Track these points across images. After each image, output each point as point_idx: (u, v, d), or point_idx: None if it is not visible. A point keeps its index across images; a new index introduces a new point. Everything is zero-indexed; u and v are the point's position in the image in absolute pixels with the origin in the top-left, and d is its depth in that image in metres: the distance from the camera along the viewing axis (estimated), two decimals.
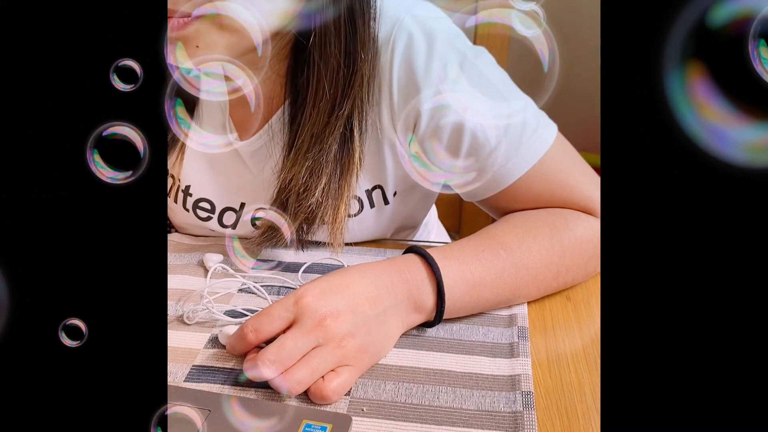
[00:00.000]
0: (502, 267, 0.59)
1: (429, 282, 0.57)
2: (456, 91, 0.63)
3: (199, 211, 0.74)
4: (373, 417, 0.49)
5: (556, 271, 0.62)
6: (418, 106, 0.64)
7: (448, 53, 0.63)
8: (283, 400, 0.50)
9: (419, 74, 0.63)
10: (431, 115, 0.64)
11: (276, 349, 0.50)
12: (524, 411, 0.49)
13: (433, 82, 0.63)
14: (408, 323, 0.57)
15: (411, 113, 0.65)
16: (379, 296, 0.54)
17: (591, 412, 0.50)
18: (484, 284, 0.59)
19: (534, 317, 0.61)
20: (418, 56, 0.63)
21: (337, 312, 0.52)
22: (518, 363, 0.54)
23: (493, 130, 0.64)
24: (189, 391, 0.50)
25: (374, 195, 0.71)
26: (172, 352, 0.55)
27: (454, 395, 0.51)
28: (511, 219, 0.66)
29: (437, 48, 0.63)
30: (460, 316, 0.60)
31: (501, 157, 0.64)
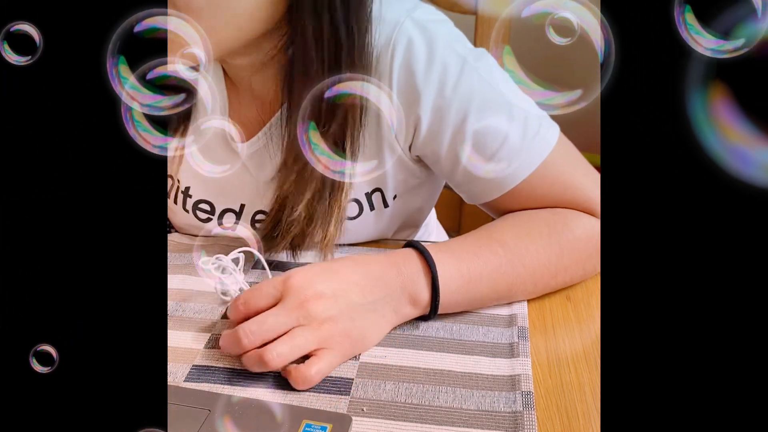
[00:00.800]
0: (499, 263, 0.60)
1: (424, 275, 0.57)
2: (456, 95, 0.63)
3: (199, 213, 0.74)
4: (373, 417, 0.49)
5: (554, 270, 0.62)
6: (418, 111, 0.64)
7: (449, 57, 0.63)
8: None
9: (419, 79, 0.63)
10: (431, 120, 0.64)
11: (258, 322, 0.52)
12: (524, 411, 0.49)
13: (434, 87, 0.63)
14: (402, 315, 0.58)
15: (411, 118, 0.65)
16: (368, 286, 0.55)
17: (591, 412, 0.50)
18: (480, 279, 0.59)
19: (534, 317, 0.61)
20: (418, 61, 0.63)
21: (321, 295, 0.53)
22: (518, 363, 0.54)
23: (495, 133, 0.64)
24: (189, 391, 0.50)
25: (374, 198, 0.71)
26: (172, 352, 0.55)
27: (454, 395, 0.51)
28: (510, 218, 0.66)
29: (437, 52, 0.63)
30: (456, 312, 0.60)
31: (503, 160, 0.64)
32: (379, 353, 0.56)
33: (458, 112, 0.63)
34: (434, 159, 0.67)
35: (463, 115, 0.63)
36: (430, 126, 0.64)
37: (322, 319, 0.53)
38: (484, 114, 0.63)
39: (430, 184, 0.76)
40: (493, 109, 0.64)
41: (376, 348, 0.56)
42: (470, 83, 0.63)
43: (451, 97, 0.63)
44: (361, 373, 0.53)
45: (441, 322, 0.59)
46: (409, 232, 0.82)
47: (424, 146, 0.66)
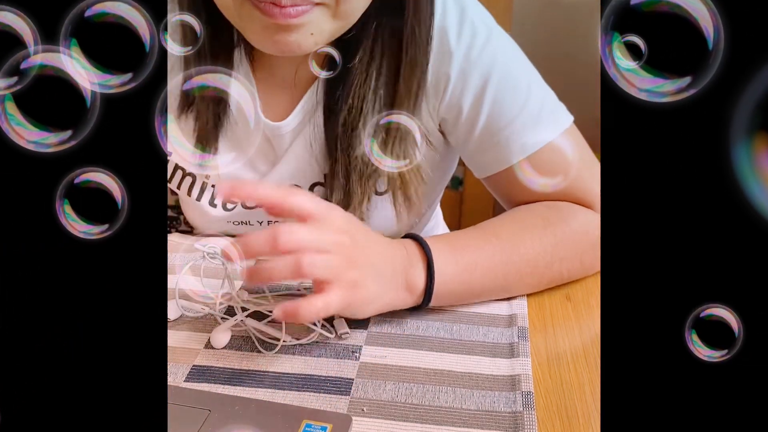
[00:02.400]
0: (493, 252, 0.60)
1: (420, 260, 0.58)
2: (481, 60, 0.65)
3: (228, 203, 0.74)
4: (373, 417, 0.49)
5: (549, 259, 0.62)
6: (449, 71, 0.65)
7: (478, 24, 0.66)
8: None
9: (452, 39, 0.65)
10: (456, 81, 0.66)
11: (296, 230, 0.51)
12: (524, 411, 0.49)
13: (462, 49, 0.65)
14: (397, 300, 0.58)
15: (442, 78, 0.66)
16: (386, 257, 0.57)
17: (591, 412, 0.50)
18: (475, 268, 0.59)
19: (534, 317, 0.61)
20: (451, 23, 0.65)
21: (357, 241, 0.54)
22: (518, 363, 0.54)
23: (512, 104, 0.66)
24: (189, 391, 0.50)
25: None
26: (172, 352, 0.56)
27: (454, 395, 0.51)
28: (508, 214, 0.68)
29: (468, 16, 0.65)
30: (454, 309, 0.61)
31: (517, 131, 0.65)
32: (379, 353, 0.56)
33: (481, 78, 0.65)
34: (453, 124, 0.69)
35: (484, 81, 0.65)
36: (454, 88, 0.66)
37: (353, 259, 0.53)
38: (505, 84, 0.65)
39: (445, 163, 0.77)
40: (513, 81, 0.66)
41: (377, 348, 0.56)
42: (494, 52, 0.66)
43: (476, 61, 0.65)
44: (361, 373, 0.53)
45: (441, 322, 0.59)
46: (429, 211, 0.83)
47: (447, 109, 0.68)
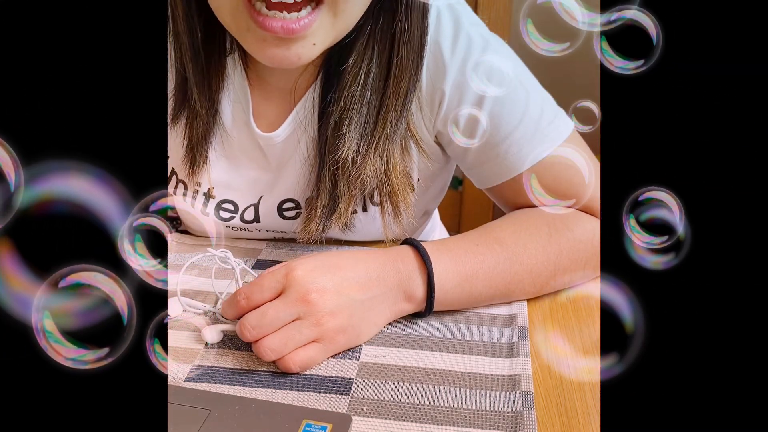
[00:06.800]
0: (496, 261, 0.60)
1: (419, 272, 0.57)
2: (476, 74, 0.64)
3: (222, 213, 0.73)
4: (373, 417, 0.49)
5: (552, 269, 0.62)
6: (444, 86, 0.65)
7: (474, 36, 0.65)
8: (266, 366, 0.54)
9: (446, 53, 0.64)
10: (451, 96, 0.65)
11: (258, 316, 0.53)
12: (524, 411, 0.49)
13: (457, 63, 0.64)
14: (397, 312, 0.58)
15: (437, 92, 0.65)
16: (368, 283, 0.56)
17: (591, 412, 0.50)
18: (477, 277, 0.59)
19: (534, 317, 0.61)
20: (445, 36, 0.64)
21: (323, 289, 0.54)
22: (518, 363, 0.54)
23: (511, 115, 0.65)
24: (189, 391, 0.50)
25: None
26: (172, 352, 0.55)
27: (454, 395, 0.51)
28: (510, 216, 0.66)
29: (463, 29, 0.64)
30: (456, 312, 0.60)
31: (516, 143, 0.65)
32: (379, 353, 0.56)
33: (478, 90, 0.64)
34: (449, 138, 0.68)
35: (480, 95, 0.64)
36: (450, 102, 0.65)
37: (321, 314, 0.53)
38: (501, 97, 0.65)
39: (444, 174, 0.76)
40: (511, 93, 0.65)
41: (376, 348, 0.56)
42: (490, 65, 0.64)
43: (472, 75, 0.64)
44: (361, 373, 0.53)
45: (441, 322, 0.59)
46: (423, 219, 0.82)
47: (443, 123, 0.67)
